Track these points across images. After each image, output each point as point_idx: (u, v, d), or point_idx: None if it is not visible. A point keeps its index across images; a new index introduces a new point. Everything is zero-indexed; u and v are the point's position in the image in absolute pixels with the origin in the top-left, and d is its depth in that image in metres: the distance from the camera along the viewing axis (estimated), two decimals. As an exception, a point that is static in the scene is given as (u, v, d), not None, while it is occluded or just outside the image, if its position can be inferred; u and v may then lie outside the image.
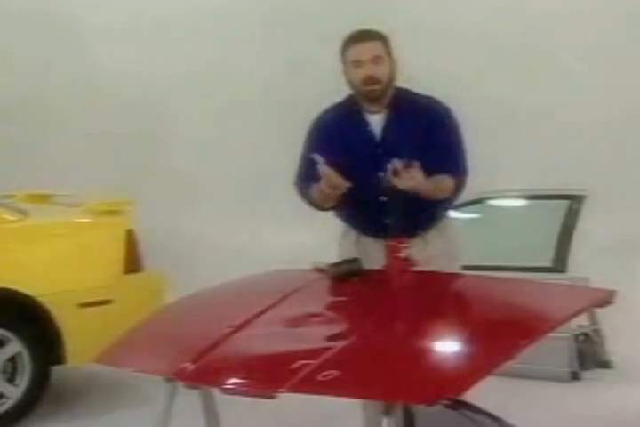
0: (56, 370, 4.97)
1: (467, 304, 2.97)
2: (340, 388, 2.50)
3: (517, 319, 2.76)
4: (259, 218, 7.92)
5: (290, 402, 2.69)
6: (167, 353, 2.99)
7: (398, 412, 2.59)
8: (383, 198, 3.53)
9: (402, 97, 3.66)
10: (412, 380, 2.41)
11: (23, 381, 4.75)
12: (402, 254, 3.32)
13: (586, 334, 5.62)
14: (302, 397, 2.53)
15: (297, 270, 3.60)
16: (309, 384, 2.52)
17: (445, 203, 3.75)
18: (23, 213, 5.07)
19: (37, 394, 4.81)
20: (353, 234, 3.83)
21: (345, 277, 3.25)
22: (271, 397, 2.56)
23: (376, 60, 3.54)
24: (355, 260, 3.34)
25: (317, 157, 3.36)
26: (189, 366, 2.74)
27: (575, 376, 5.47)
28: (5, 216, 4.96)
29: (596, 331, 5.65)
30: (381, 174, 3.45)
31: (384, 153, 3.51)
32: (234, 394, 2.68)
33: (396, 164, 3.25)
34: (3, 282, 4.64)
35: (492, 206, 5.95)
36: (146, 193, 6.49)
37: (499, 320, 2.76)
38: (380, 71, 3.55)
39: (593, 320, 5.58)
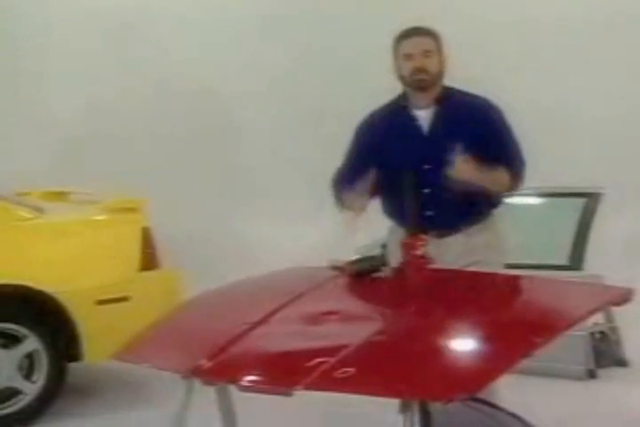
0: (73, 367, 4.98)
1: (484, 302, 2.95)
2: (357, 386, 2.50)
3: (535, 317, 2.76)
4: (272, 216, 7.94)
5: (307, 400, 2.70)
6: (184, 350, 3.00)
7: (415, 410, 2.57)
8: (427, 190, 3.63)
9: (450, 94, 3.80)
10: (429, 378, 2.42)
11: (40, 377, 4.78)
12: (418, 252, 3.32)
13: (602, 332, 5.60)
14: (319, 395, 2.55)
15: (313, 268, 3.61)
16: (326, 382, 2.52)
17: (493, 199, 3.85)
18: (39, 210, 5.09)
19: (54, 391, 4.83)
20: (399, 231, 3.80)
21: (367, 273, 3.24)
22: (288, 394, 2.57)
23: (426, 53, 3.69)
24: (376, 257, 3.33)
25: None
26: (206, 363, 2.75)
27: (592, 374, 5.45)
28: (22, 213, 4.99)
29: (613, 329, 5.63)
30: (426, 167, 3.64)
31: (430, 147, 3.69)
32: (251, 391, 2.68)
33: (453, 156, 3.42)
34: (20, 279, 4.66)
35: (507, 204, 5.92)
36: (163, 192, 6.50)
37: (516, 318, 2.76)
38: (430, 64, 3.71)
39: (609, 318, 5.56)
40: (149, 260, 5.08)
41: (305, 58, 8.31)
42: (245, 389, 2.69)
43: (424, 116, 3.76)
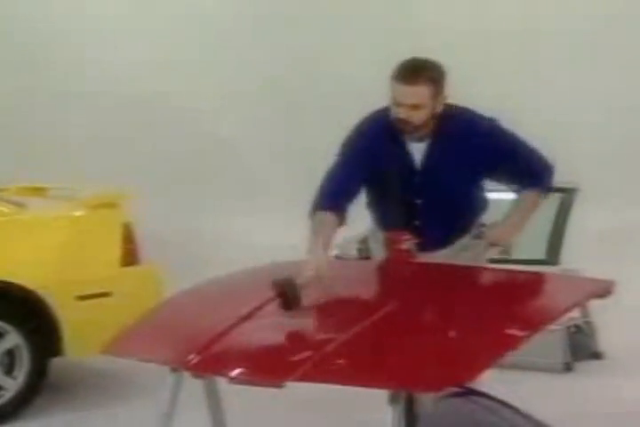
0: (54, 362, 4.98)
1: (469, 295, 3.01)
2: (347, 377, 2.55)
3: (521, 310, 2.83)
4: (255, 212, 7.97)
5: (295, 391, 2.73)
6: (173, 343, 3.05)
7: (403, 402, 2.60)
8: (418, 201, 3.59)
9: (444, 122, 3.58)
10: (418, 369, 2.47)
11: (21, 373, 4.75)
12: (403, 246, 3.37)
13: (577, 326, 5.68)
14: (307, 386, 2.58)
15: (296, 262, 3.64)
16: (317, 374, 2.57)
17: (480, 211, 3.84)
18: (20, 205, 5.08)
19: (36, 386, 4.81)
20: (381, 235, 3.74)
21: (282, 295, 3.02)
22: (279, 386, 2.60)
23: (415, 107, 3.47)
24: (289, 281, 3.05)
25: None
26: (196, 356, 2.79)
27: (568, 367, 5.53)
28: (2, 209, 4.98)
29: (588, 323, 5.71)
30: (418, 202, 3.59)
31: (422, 182, 3.59)
32: (241, 383, 2.72)
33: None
34: (1, 275, 4.64)
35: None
36: (145, 188, 6.49)
37: (502, 311, 2.82)
38: (416, 117, 3.49)
39: (585, 312, 5.64)
40: (130, 255, 5.07)
41: (295, 59, 8.35)
42: (237, 381, 2.73)
43: (419, 148, 3.60)
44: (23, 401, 4.78)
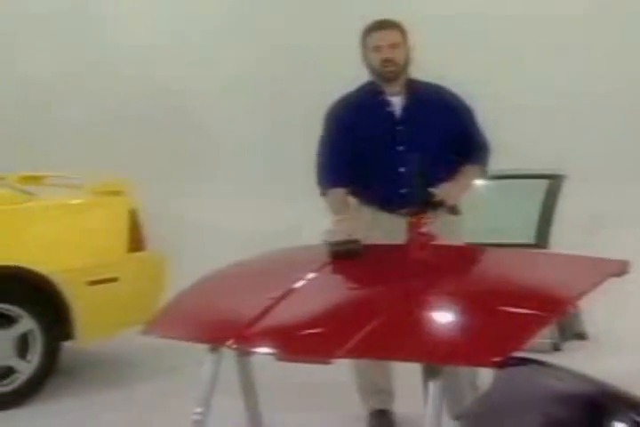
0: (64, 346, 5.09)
1: (495, 275, 3.15)
2: (394, 352, 2.66)
3: (548, 289, 2.96)
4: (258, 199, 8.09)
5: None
6: (213, 323, 3.12)
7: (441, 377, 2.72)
8: (402, 169, 3.86)
9: (416, 83, 4.07)
10: (463, 343, 2.60)
11: (35, 357, 4.86)
12: (423, 229, 3.52)
13: (563, 308, 5.87)
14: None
15: (317, 246, 3.78)
16: (364, 349, 2.67)
17: None
18: (29, 193, 5.16)
19: (48, 370, 4.92)
20: (367, 211, 4.05)
21: (344, 256, 3.36)
22: (327, 362, 2.72)
23: (394, 46, 3.95)
24: (356, 240, 3.45)
25: None
26: (241, 334, 2.86)
27: (556, 347, 5.72)
28: (15, 197, 5.06)
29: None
30: (400, 148, 3.93)
31: (403, 130, 3.97)
32: (289, 360, 2.84)
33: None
34: (15, 260, 4.73)
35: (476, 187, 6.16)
36: (145, 175, 6.58)
37: (530, 290, 2.96)
38: (397, 55, 3.96)
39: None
40: (137, 241, 5.18)
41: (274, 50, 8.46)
42: (284, 358, 2.85)
43: (397, 101, 4.03)
44: (37, 384, 4.88)
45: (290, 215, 7.44)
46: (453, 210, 3.92)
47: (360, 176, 4.03)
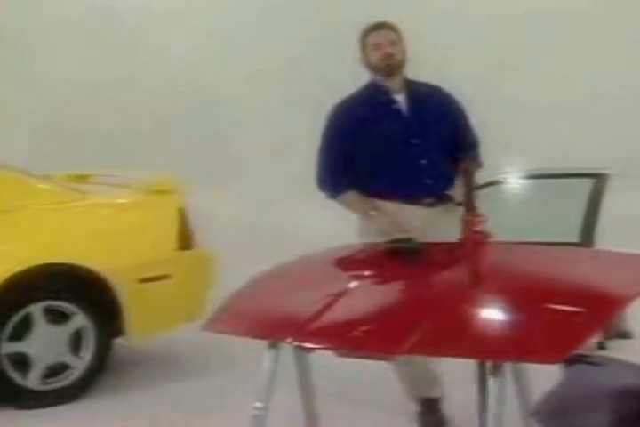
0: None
1: (557, 273, 3.15)
2: (458, 349, 2.68)
3: (608, 286, 2.98)
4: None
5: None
6: (273, 320, 3.16)
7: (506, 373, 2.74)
8: (423, 161, 4.09)
9: (413, 82, 4.25)
10: (527, 341, 2.62)
11: (88, 353, 4.93)
12: (478, 228, 3.55)
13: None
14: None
15: (369, 245, 3.83)
16: (424, 346, 2.70)
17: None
18: (81, 192, 5.24)
19: (100, 366, 4.99)
20: (391, 206, 4.13)
21: (407, 254, 3.42)
22: (390, 359, 2.77)
23: (392, 43, 4.15)
24: (412, 238, 3.58)
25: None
26: (302, 331, 2.89)
27: (601, 346, 5.72)
28: (70, 195, 5.15)
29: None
30: (416, 141, 4.10)
31: (413, 124, 4.13)
32: (352, 357, 2.89)
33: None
34: (68, 258, 4.81)
35: (519, 186, 6.18)
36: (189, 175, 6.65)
37: (590, 287, 2.98)
38: (397, 51, 4.14)
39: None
40: (186, 239, 5.24)
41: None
42: (346, 354, 2.89)
43: (399, 99, 4.17)
44: (89, 380, 4.94)
45: (334, 213, 7.46)
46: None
47: (377, 174, 4.14)
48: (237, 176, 8.68)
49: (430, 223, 4.04)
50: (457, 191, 4.03)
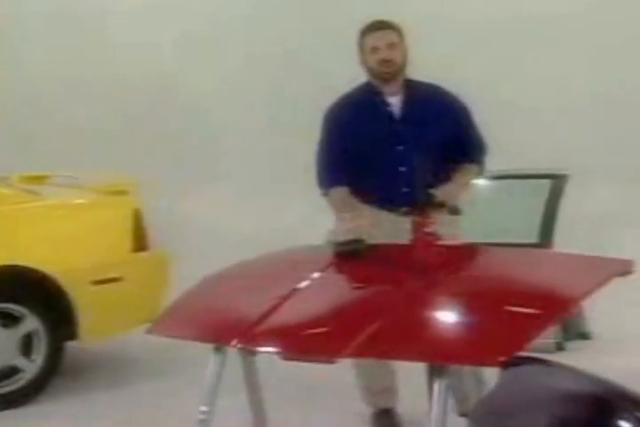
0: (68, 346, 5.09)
1: (505, 275, 3.15)
2: (401, 352, 2.67)
3: (552, 288, 2.97)
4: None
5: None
6: (217, 323, 3.15)
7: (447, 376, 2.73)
8: (403, 169, 3.96)
9: (414, 83, 4.11)
10: (469, 343, 2.61)
11: (39, 356, 4.86)
12: (428, 229, 3.52)
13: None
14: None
15: (318, 246, 3.80)
16: (369, 348, 2.68)
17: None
18: (35, 193, 5.17)
19: (52, 369, 4.92)
20: (368, 210, 4.07)
21: (349, 256, 3.37)
22: (331, 362, 2.73)
23: (391, 46, 3.98)
24: (361, 240, 3.48)
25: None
26: (245, 334, 2.87)
27: (560, 347, 5.73)
28: (20, 196, 5.08)
29: (577, 304, 5.90)
30: (400, 148, 3.97)
31: (403, 129, 4.00)
32: (294, 360, 2.86)
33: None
34: (19, 260, 4.74)
35: (479, 186, 6.17)
36: (148, 175, 6.59)
37: (537, 288, 2.97)
38: (395, 55, 3.99)
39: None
40: (141, 241, 5.19)
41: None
42: (288, 357, 2.86)
43: (395, 100, 4.07)
44: (41, 383, 4.88)
45: (292, 215, 7.46)
46: (454, 210, 3.91)
47: (361, 175, 4.06)
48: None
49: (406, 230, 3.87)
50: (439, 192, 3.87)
